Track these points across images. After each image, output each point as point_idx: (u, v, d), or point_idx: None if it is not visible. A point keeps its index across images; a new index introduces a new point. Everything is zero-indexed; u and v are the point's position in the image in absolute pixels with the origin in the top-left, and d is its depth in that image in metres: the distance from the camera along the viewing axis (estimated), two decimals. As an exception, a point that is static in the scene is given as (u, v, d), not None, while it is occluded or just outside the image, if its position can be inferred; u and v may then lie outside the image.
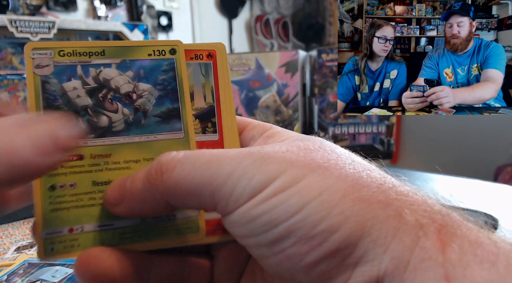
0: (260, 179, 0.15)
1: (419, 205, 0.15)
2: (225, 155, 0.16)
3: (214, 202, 0.16)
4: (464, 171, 0.74)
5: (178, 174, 0.16)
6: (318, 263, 0.14)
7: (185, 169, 0.16)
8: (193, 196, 0.16)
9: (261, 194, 0.15)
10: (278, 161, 0.16)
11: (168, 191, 0.16)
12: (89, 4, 1.88)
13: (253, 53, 0.94)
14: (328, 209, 0.14)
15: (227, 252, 0.20)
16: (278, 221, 0.15)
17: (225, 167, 0.15)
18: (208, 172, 0.15)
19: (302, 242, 0.14)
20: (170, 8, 2.28)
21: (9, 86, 0.84)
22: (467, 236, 0.13)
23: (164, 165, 0.16)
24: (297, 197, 0.15)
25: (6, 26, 0.78)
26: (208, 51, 0.20)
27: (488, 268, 0.12)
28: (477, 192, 0.55)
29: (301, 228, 0.14)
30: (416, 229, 0.14)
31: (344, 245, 0.14)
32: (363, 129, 0.96)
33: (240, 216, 0.15)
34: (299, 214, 0.14)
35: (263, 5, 2.75)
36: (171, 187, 0.16)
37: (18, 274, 0.34)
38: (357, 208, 0.14)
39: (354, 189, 0.15)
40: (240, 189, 0.15)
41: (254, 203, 0.15)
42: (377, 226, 0.14)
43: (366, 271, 0.14)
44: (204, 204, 0.16)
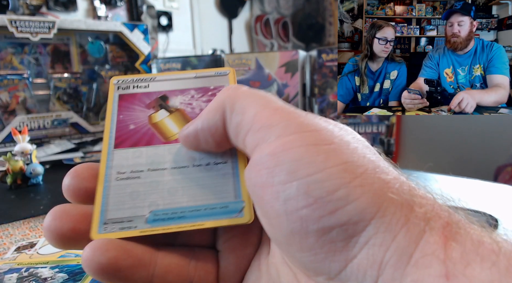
0: (296, 124, 0.16)
1: (428, 200, 0.15)
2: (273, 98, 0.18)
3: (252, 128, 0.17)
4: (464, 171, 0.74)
5: (233, 98, 0.18)
6: (329, 231, 0.14)
7: (241, 97, 0.18)
8: (241, 115, 0.18)
9: (291, 136, 0.16)
10: (314, 121, 0.17)
11: (225, 107, 0.18)
12: (89, 4, 1.88)
13: (253, 53, 0.94)
14: (349, 178, 0.14)
15: (232, 247, 0.20)
16: (299, 174, 0.15)
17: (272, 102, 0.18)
18: (255, 103, 0.18)
19: (318, 204, 0.14)
20: (170, 8, 2.28)
21: (9, 86, 0.84)
22: (470, 235, 0.13)
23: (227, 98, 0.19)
24: (324, 156, 0.15)
25: (6, 26, 0.78)
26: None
27: (488, 267, 0.12)
28: (477, 192, 0.55)
29: (319, 189, 0.14)
30: (424, 222, 0.14)
31: (357, 219, 0.14)
32: (363, 129, 0.96)
33: (266, 158, 0.16)
34: (321, 173, 0.14)
35: (263, 5, 2.75)
36: (227, 106, 0.18)
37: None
38: (376, 186, 0.14)
39: (375, 170, 0.15)
40: (275, 126, 0.16)
41: (284, 144, 0.15)
42: (391, 210, 0.14)
43: (372, 255, 0.14)
44: (246, 127, 0.17)
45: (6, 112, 0.84)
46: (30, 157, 0.61)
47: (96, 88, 0.96)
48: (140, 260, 0.17)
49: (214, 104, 0.19)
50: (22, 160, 0.60)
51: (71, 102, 0.93)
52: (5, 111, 0.84)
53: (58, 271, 0.34)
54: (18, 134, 0.61)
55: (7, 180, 0.60)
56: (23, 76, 0.85)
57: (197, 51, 2.42)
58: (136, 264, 0.17)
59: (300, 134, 0.16)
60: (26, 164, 0.61)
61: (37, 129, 0.85)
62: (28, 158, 0.61)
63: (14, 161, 0.59)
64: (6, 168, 0.60)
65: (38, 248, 0.39)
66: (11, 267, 0.35)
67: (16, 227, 0.46)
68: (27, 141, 0.62)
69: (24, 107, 0.86)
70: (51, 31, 0.84)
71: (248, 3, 2.69)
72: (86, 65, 0.95)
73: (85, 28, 0.90)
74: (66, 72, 0.92)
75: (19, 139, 0.61)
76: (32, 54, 0.87)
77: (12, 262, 0.36)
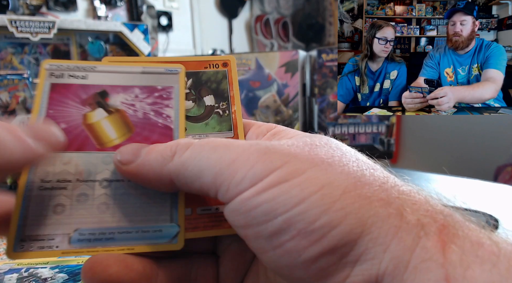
0: (262, 167, 0.15)
1: (421, 204, 0.15)
2: (233, 143, 0.16)
3: (216, 186, 0.16)
4: (464, 171, 0.74)
5: (187, 155, 0.16)
6: (317, 259, 0.14)
7: (194, 152, 0.16)
8: (196, 178, 0.16)
9: (261, 182, 0.15)
10: (282, 153, 0.16)
11: (175, 170, 0.16)
12: (89, 4, 1.88)
13: (253, 53, 0.94)
14: (328, 204, 0.14)
15: (232, 252, 0.20)
16: (278, 212, 0.15)
17: (231, 153, 0.16)
18: (214, 156, 0.16)
19: (301, 236, 0.14)
20: (170, 8, 2.28)
21: (9, 86, 0.84)
22: (468, 236, 0.13)
23: (179, 146, 0.17)
24: (298, 189, 0.15)
25: (6, 26, 0.78)
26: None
27: (489, 269, 0.12)
28: (477, 192, 0.55)
29: (300, 221, 0.14)
30: (417, 228, 0.14)
31: (344, 242, 0.14)
32: (363, 129, 0.96)
33: (240, 204, 0.15)
34: (299, 206, 0.14)
35: (263, 5, 2.75)
36: (179, 166, 0.16)
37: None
38: (358, 205, 0.14)
39: (356, 186, 0.15)
40: (241, 175, 0.15)
41: (254, 191, 0.15)
42: (378, 224, 0.14)
43: (366, 270, 0.14)
44: (206, 188, 0.16)
45: (6, 112, 0.84)
46: (30, 157, 0.61)
47: (96, 88, 0.95)
48: (141, 274, 0.17)
49: (158, 172, 0.17)
50: (22, 160, 0.60)
51: (71, 102, 0.93)
52: (5, 111, 0.84)
53: (58, 271, 0.34)
54: (18, 134, 0.61)
55: (7, 180, 0.60)
56: (23, 76, 0.85)
57: (197, 51, 2.42)
58: (138, 278, 0.17)
59: (269, 177, 0.15)
60: (26, 164, 0.61)
61: (37, 129, 0.85)
62: (28, 158, 0.61)
63: (14, 161, 0.59)
64: (6, 168, 0.60)
65: (38, 248, 0.39)
66: (11, 267, 0.35)
67: (16, 227, 0.46)
68: (27, 141, 0.62)
69: (24, 107, 0.86)
70: (51, 31, 0.84)
71: (248, 3, 2.69)
72: (86, 65, 0.95)
73: (85, 28, 0.90)
74: (66, 72, 0.92)
75: (19, 139, 0.61)
76: (32, 54, 0.87)
77: (12, 262, 0.36)
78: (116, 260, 0.17)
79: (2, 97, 0.83)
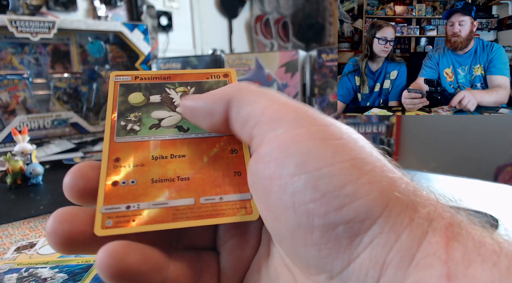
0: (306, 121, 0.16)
1: (431, 201, 0.15)
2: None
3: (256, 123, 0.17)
4: (464, 171, 0.74)
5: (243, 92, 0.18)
6: (334, 227, 0.14)
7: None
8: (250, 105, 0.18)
9: (303, 129, 0.16)
10: (325, 118, 0.17)
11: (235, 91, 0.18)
12: (89, 4, 1.88)
13: (253, 53, 0.94)
14: (357, 174, 0.14)
15: (232, 247, 0.20)
16: (309, 167, 0.15)
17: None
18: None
19: (324, 199, 0.14)
20: (170, 8, 2.28)
21: (9, 86, 0.84)
22: (471, 235, 0.13)
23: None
24: (332, 151, 0.15)
25: (6, 26, 0.78)
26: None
27: (490, 268, 0.12)
28: (477, 192, 0.55)
29: (326, 184, 0.14)
30: (427, 223, 0.14)
31: (364, 217, 0.14)
32: (363, 129, 0.96)
33: (277, 148, 0.16)
34: (329, 168, 0.14)
35: (263, 5, 2.75)
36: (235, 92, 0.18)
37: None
38: (384, 184, 0.14)
39: (382, 169, 0.15)
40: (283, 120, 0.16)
41: (294, 138, 0.15)
42: (397, 209, 0.14)
43: (374, 255, 0.14)
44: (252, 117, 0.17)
45: (6, 112, 0.84)
46: (30, 157, 0.61)
47: (96, 88, 0.96)
48: (157, 264, 0.17)
49: (219, 94, 0.19)
50: (22, 160, 0.60)
51: (71, 102, 0.93)
52: (5, 111, 0.84)
53: (58, 271, 0.34)
54: (18, 134, 0.61)
55: (7, 180, 0.60)
56: (23, 76, 0.85)
57: (197, 51, 2.42)
58: (154, 269, 0.17)
59: (309, 128, 0.16)
60: (26, 164, 0.61)
61: (37, 129, 0.85)
62: (28, 158, 0.61)
63: (14, 161, 0.59)
64: (6, 168, 0.60)
65: (38, 248, 0.39)
66: (11, 267, 0.35)
67: (16, 227, 0.46)
68: (27, 141, 0.62)
69: (24, 107, 0.86)
70: (51, 31, 0.84)
71: (248, 3, 2.69)
72: (86, 65, 0.95)
73: (85, 28, 0.90)
74: (66, 72, 0.92)
75: (19, 139, 0.61)
76: (32, 54, 0.87)
77: (12, 262, 0.36)
78: (135, 248, 0.16)
79: (2, 97, 0.83)
